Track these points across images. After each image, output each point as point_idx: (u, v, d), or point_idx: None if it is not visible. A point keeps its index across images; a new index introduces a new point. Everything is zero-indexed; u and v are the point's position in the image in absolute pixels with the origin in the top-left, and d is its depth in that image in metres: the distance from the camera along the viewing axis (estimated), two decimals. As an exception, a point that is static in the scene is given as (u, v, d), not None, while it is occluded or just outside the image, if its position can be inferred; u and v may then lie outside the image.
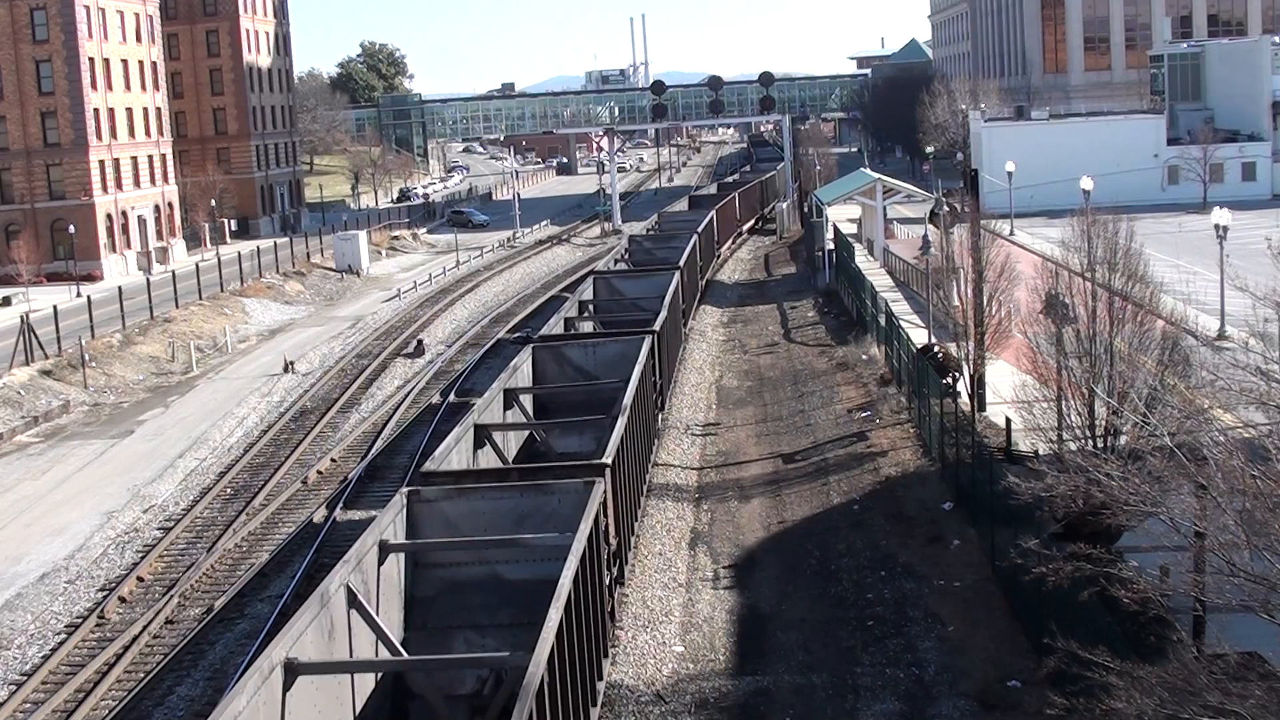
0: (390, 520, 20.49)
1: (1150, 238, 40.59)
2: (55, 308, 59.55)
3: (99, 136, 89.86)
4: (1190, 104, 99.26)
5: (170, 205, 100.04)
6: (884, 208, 71.84)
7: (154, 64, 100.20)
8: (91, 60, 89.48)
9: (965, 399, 35.44)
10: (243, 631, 28.37)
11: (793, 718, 22.14)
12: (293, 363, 57.92)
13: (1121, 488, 17.30)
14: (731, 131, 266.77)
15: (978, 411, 35.02)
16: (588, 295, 47.65)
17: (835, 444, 38.63)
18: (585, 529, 19.42)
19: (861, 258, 67.45)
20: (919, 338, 42.93)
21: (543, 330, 40.37)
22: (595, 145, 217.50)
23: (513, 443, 29.66)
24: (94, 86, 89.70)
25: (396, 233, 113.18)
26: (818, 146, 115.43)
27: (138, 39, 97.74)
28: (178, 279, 71.25)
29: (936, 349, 39.26)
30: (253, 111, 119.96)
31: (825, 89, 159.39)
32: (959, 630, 24.78)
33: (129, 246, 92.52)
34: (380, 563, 19.57)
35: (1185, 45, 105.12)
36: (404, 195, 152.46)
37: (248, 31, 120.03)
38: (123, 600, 30.80)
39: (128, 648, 27.82)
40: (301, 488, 38.67)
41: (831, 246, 69.34)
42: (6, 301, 75.25)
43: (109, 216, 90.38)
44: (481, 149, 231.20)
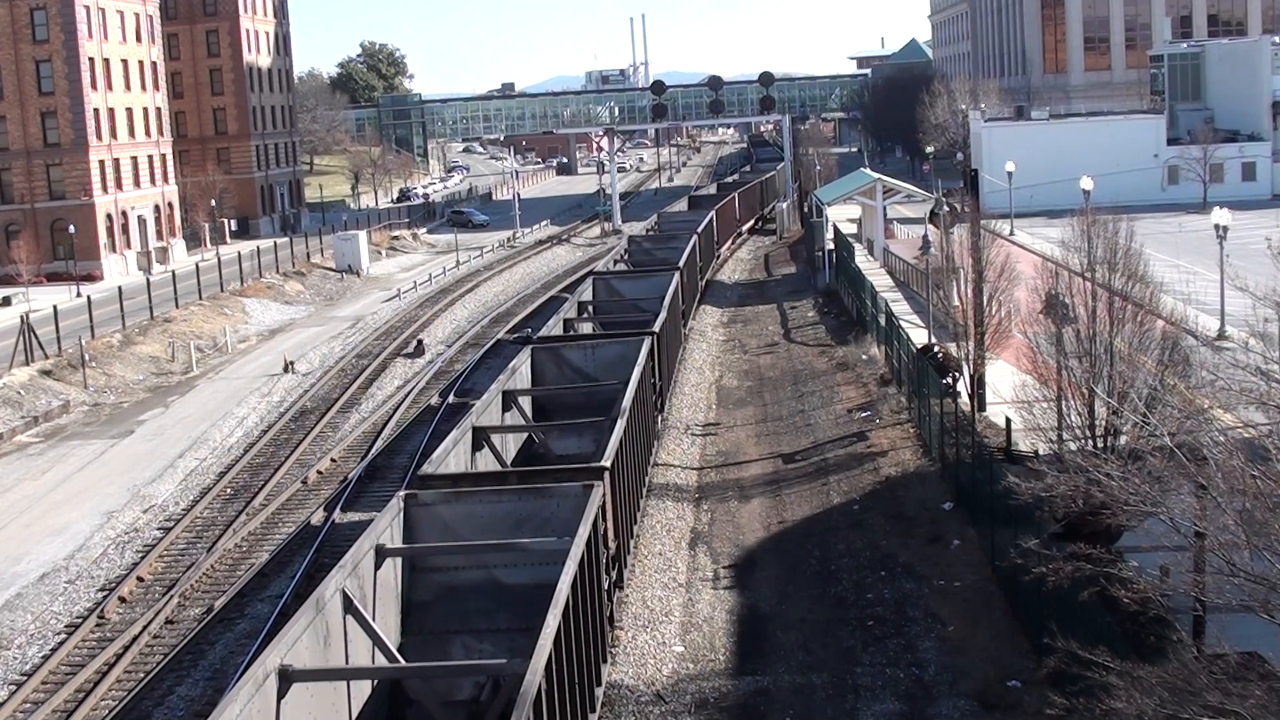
0: (387, 524, 20.29)
1: (1150, 238, 40.61)
2: (55, 308, 59.57)
3: (99, 136, 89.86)
4: (1190, 104, 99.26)
5: (170, 205, 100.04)
6: (884, 208, 71.85)
7: (154, 64, 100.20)
8: (91, 60, 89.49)
9: (965, 399, 35.44)
10: (243, 632, 28.38)
11: (793, 718, 22.15)
12: (293, 363, 57.92)
13: (1121, 488, 17.30)
14: (731, 131, 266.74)
15: (978, 411, 35.02)
16: (587, 296, 47.45)
17: (835, 444, 38.63)
18: (584, 533, 19.29)
19: (861, 258, 67.44)
20: (919, 338, 42.93)
21: (542, 331, 40.09)
22: (595, 145, 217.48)
23: (511, 445, 29.51)
24: (94, 86, 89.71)
25: (396, 233, 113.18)
26: (818, 146, 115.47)
27: (138, 39, 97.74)
28: (178, 279, 71.26)
29: (936, 349, 39.26)
30: (253, 111, 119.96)
31: (825, 89, 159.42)
32: (959, 630, 24.78)
33: (129, 246, 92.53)
34: (377, 567, 19.38)
35: (1185, 45, 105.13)
36: (404, 195, 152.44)
37: (248, 31, 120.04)
38: (123, 600, 30.80)
39: (128, 648, 27.83)
40: (301, 488, 38.68)
41: (831, 246, 69.33)
42: (6, 301, 75.25)
43: (109, 216, 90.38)
44: (481, 149, 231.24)
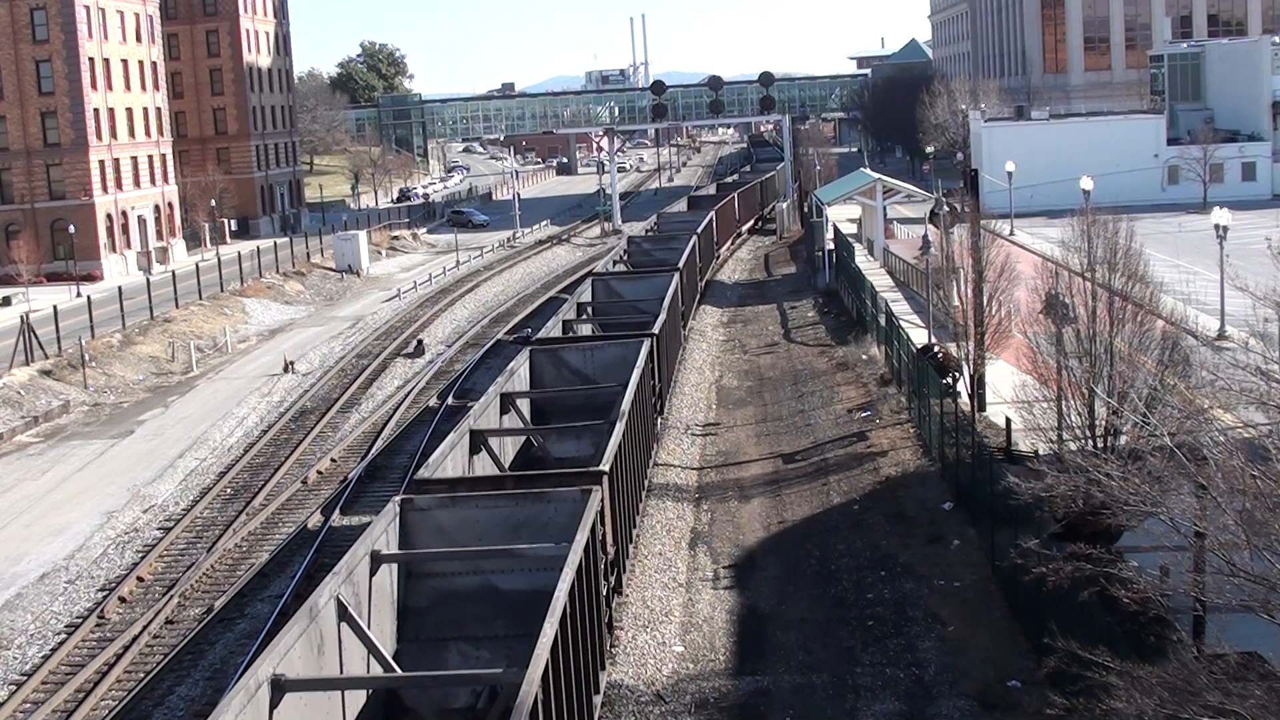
0: (383, 529, 20.02)
1: (1150, 238, 40.62)
2: (55, 308, 59.57)
3: (99, 136, 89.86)
4: (1190, 104, 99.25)
5: (170, 205, 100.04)
6: (884, 208, 71.86)
7: (154, 64, 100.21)
8: (91, 60, 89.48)
9: (965, 399, 35.44)
10: (242, 632, 28.38)
11: (793, 718, 22.15)
12: (293, 363, 57.92)
13: (1121, 488, 17.30)
14: (731, 131, 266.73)
15: (978, 411, 35.02)
16: (586, 297, 47.15)
17: (835, 444, 38.62)
18: (582, 539, 19.05)
19: (861, 258, 67.44)
20: (919, 338, 42.93)
21: (540, 333, 39.81)
22: (595, 145, 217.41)
23: (509, 448, 29.27)
24: (94, 86, 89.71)
25: (396, 233, 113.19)
26: (818, 146, 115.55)
27: (138, 39, 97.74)
28: (178, 279, 71.26)
29: (936, 349, 39.26)
30: (253, 111, 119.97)
31: (825, 89, 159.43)
32: (959, 630, 24.78)
33: (129, 246, 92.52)
34: (372, 573, 19.14)
35: (1185, 45, 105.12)
36: (404, 195, 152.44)
37: (248, 31, 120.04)
38: (123, 600, 30.80)
39: (128, 648, 27.83)
40: (301, 488, 38.67)
41: (831, 246, 69.34)
42: (6, 301, 75.25)
43: (109, 216, 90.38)
44: (481, 149, 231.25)
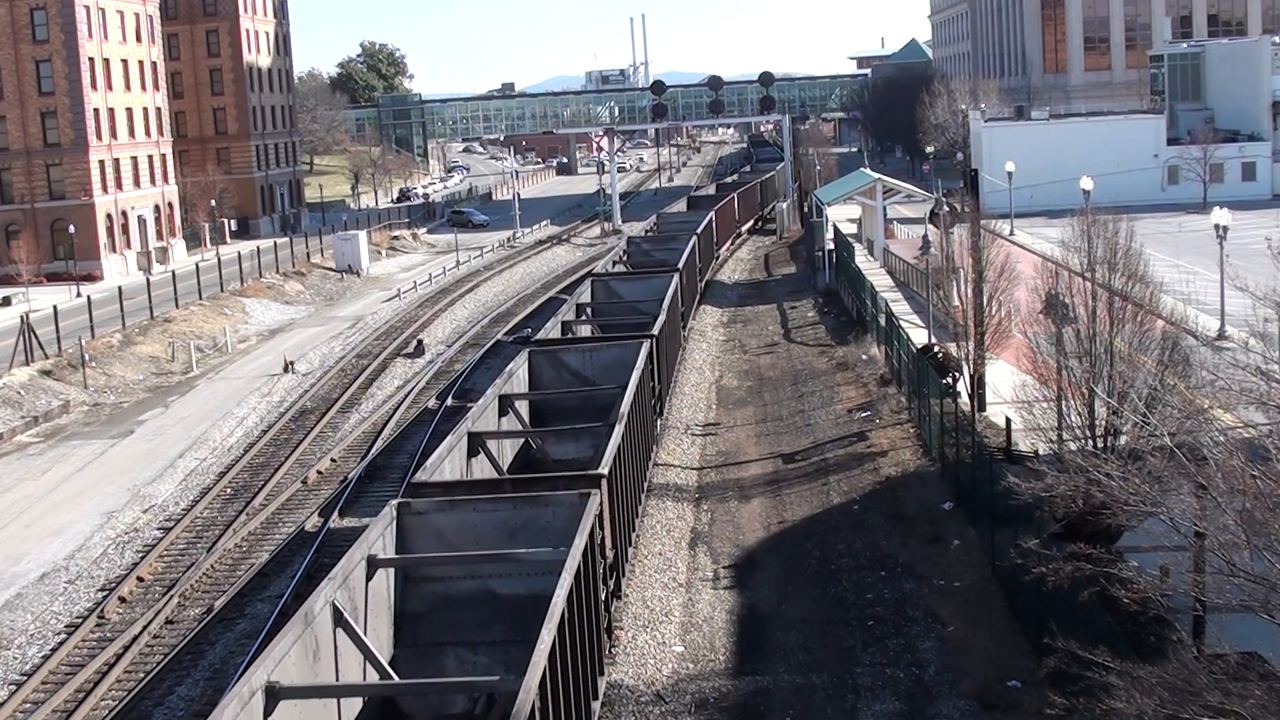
0: (379, 534, 19.82)
1: (1150, 238, 40.60)
2: (55, 308, 59.57)
3: (99, 136, 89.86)
4: (1190, 104, 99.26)
5: (170, 205, 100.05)
6: (884, 208, 71.87)
7: (154, 64, 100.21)
8: (91, 60, 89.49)
9: (965, 399, 35.44)
10: (242, 632, 28.39)
11: (793, 718, 22.14)
12: (293, 363, 57.93)
13: (1121, 488, 17.31)
14: (731, 131, 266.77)
15: (978, 411, 35.03)
16: (585, 298, 46.95)
17: (835, 444, 38.62)
18: (580, 544, 18.86)
19: (861, 258, 67.44)
20: (919, 338, 42.93)
21: (539, 334, 39.60)
22: (595, 145, 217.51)
23: (508, 450, 29.08)
24: (94, 86, 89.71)
25: (396, 233, 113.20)
26: (818, 146, 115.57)
27: (138, 39, 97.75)
28: (178, 279, 71.27)
29: (936, 349, 39.26)
30: (253, 111, 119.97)
31: (825, 89, 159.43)
32: (959, 630, 24.78)
33: (129, 246, 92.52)
34: (368, 578, 18.94)
35: (1185, 45, 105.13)
36: (404, 195, 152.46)
37: (248, 31, 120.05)
38: (123, 600, 30.81)
39: (128, 648, 27.83)
40: (301, 488, 38.68)
41: (831, 246, 69.34)
42: (6, 301, 75.25)
43: (109, 216, 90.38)
44: (481, 149, 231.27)
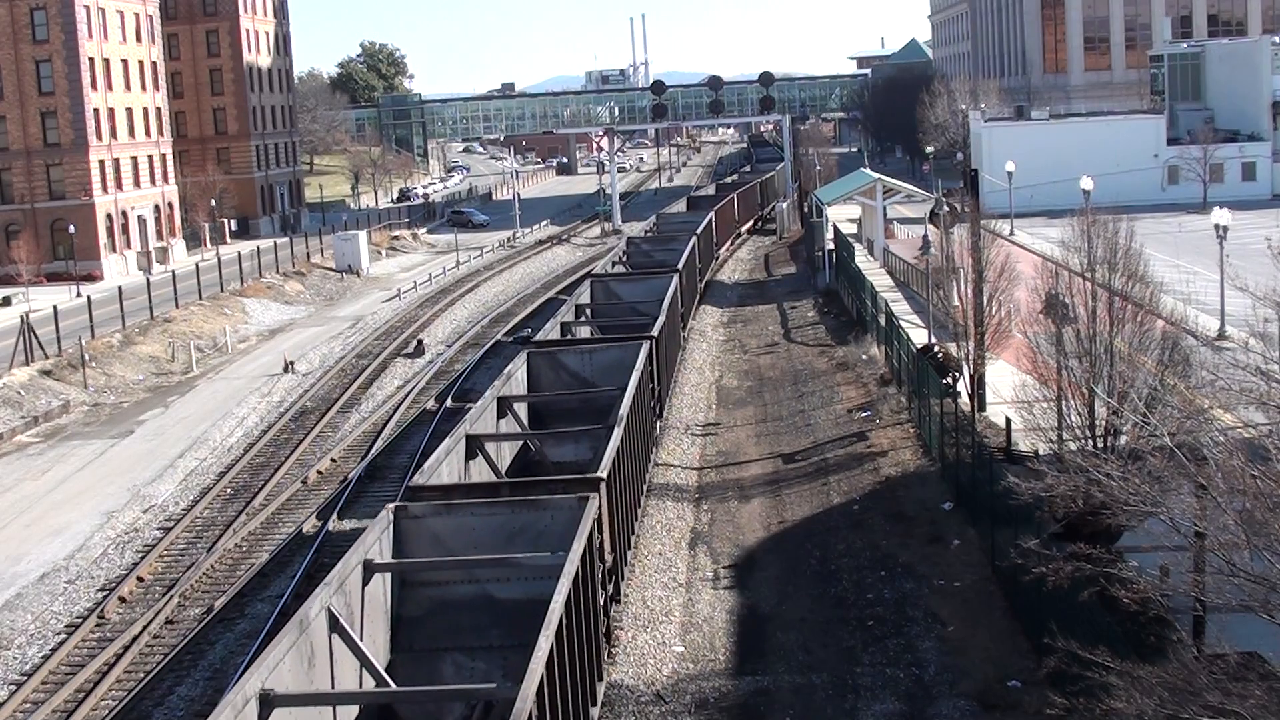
0: (376, 538, 19.64)
1: (1150, 238, 40.61)
2: (55, 308, 59.57)
3: (99, 136, 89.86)
4: (1190, 104, 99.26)
5: (170, 205, 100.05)
6: (884, 208, 71.87)
7: (154, 64, 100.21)
8: (91, 60, 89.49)
9: (965, 399, 35.43)
10: (242, 632, 28.39)
11: (793, 718, 22.14)
12: (293, 363, 57.93)
13: (1121, 488, 17.31)
14: (731, 131, 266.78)
15: (978, 411, 35.02)
16: (585, 299, 46.83)
17: (835, 444, 38.62)
18: (578, 548, 18.69)
19: (861, 258, 67.45)
20: (919, 338, 42.93)
21: (538, 335, 39.39)
22: (595, 145, 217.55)
23: (506, 453, 28.91)
24: (94, 86, 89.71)
25: (396, 233, 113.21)
26: (818, 146, 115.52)
27: (138, 39, 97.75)
28: (178, 279, 71.27)
29: (936, 349, 39.26)
30: (253, 111, 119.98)
31: (825, 89, 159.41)
32: (959, 630, 24.78)
33: (129, 246, 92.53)
34: (365, 583, 18.76)
35: (1185, 45, 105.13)
36: (404, 195, 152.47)
37: (248, 31, 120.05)
38: (123, 600, 30.81)
39: (128, 648, 27.84)
40: (301, 488, 38.68)
41: (831, 246, 69.34)
42: (6, 301, 75.25)
43: (109, 216, 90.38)
44: (481, 149, 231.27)
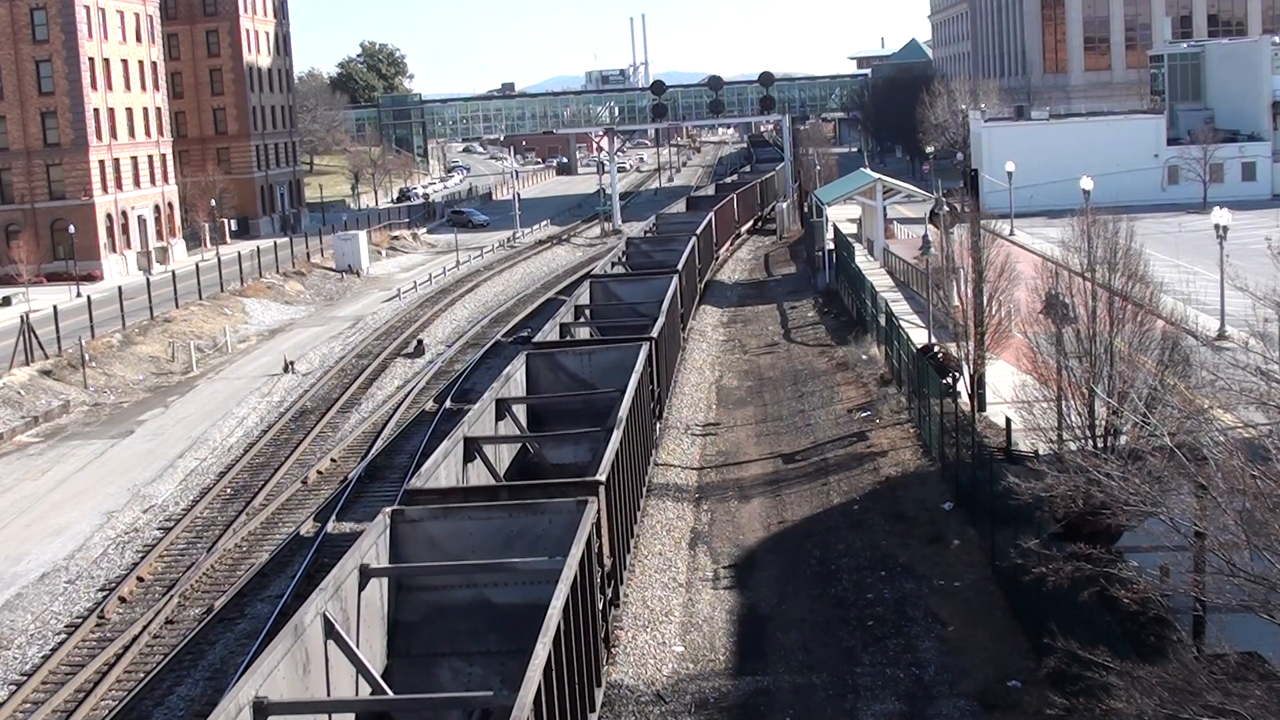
0: (372, 543, 19.46)
1: (1150, 238, 40.61)
2: (55, 308, 59.56)
3: (99, 136, 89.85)
4: (1190, 104, 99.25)
5: (170, 205, 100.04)
6: (884, 208, 71.86)
7: (154, 64, 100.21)
8: (91, 60, 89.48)
9: (965, 399, 35.43)
10: (243, 631, 28.39)
11: (793, 718, 22.14)
12: (293, 363, 57.92)
13: (1121, 488, 17.31)
14: (731, 131, 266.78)
15: (978, 411, 35.01)
16: (584, 300, 46.63)
17: (835, 444, 38.62)
18: (577, 553, 18.52)
19: (861, 258, 67.44)
20: (919, 338, 42.93)
21: (537, 336, 39.21)
22: (595, 145, 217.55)
23: (505, 455, 28.75)
24: (94, 86, 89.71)
25: (396, 233, 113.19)
26: (818, 146, 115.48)
27: (138, 39, 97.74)
28: (178, 279, 71.26)
29: (936, 349, 39.26)
30: (253, 111, 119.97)
31: (825, 89, 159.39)
32: (959, 630, 24.77)
33: (129, 246, 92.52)
34: (361, 588, 18.58)
35: (1185, 45, 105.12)
36: (404, 195, 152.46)
37: (248, 31, 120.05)
38: (123, 600, 30.81)
39: (128, 648, 27.84)
40: (301, 488, 38.68)
41: (831, 246, 69.34)
42: (6, 301, 75.24)
43: (109, 216, 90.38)
44: (481, 149, 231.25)
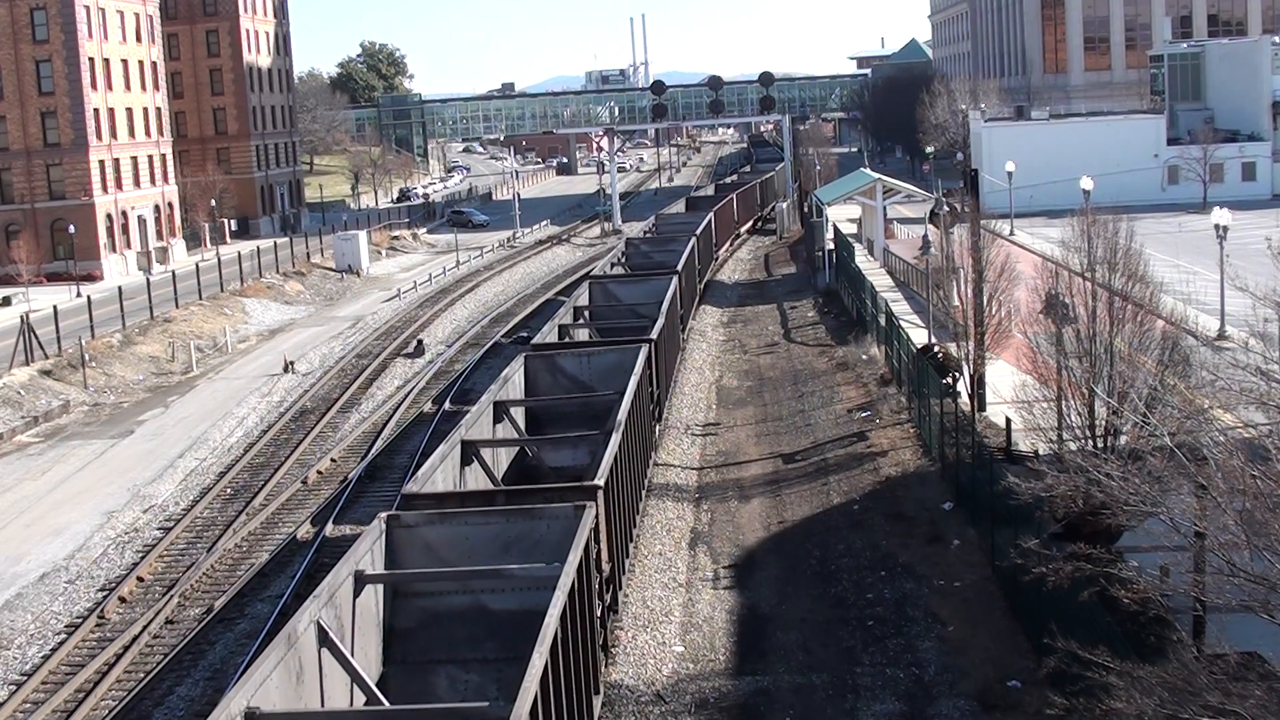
0: (367, 549, 19.27)
1: (1150, 238, 40.62)
2: (55, 308, 59.57)
3: (99, 136, 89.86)
4: (1190, 104, 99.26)
5: (170, 205, 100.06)
6: (884, 208, 71.88)
7: (154, 64, 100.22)
8: (91, 60, 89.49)
9: (965, 399, 35.44)
10: (243, 631, 28.40)
11: (793, 718, 22.14)
12: (293, 363, 57.93)
13: (1121, 488, 17.32)
14: (731, 131, 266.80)
15: (978, 411, 35.02)
16: (583, 301, 46.43)
17: (835, 444, 38.62)
18: (574, 559, 18.31)
19: (861, 258, 67.45)
20: (919, 338, 42.93)
21: (536, 338, 39.02)
22: (595, 145, 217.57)
23: (503, 459, 28.62)
24: (94, 86, 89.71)
25: (396, 233, 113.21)
26: (818, 146, 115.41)
27: (138, 39, 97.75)
28: (178, 279, 71.26)
29: (936, 349, 39.26)
30: (253, 111, 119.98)
31: (825, 89, 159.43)
32: (959, 630, 24.78)
33: (129, 246, 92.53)
34: (356, 595, 18.36)
35: (1185, 45, 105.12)
36: (404, 195, 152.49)
37: (248, 31, 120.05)
38: (123, 600, 30.81)
39: (128, 648, 27.84)
40: (301, 488, 38.68)
41: (831, 246, 69.35)
42: (6, 301, 75.25)
43: (109, 216, 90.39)
44: (481, 149, 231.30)
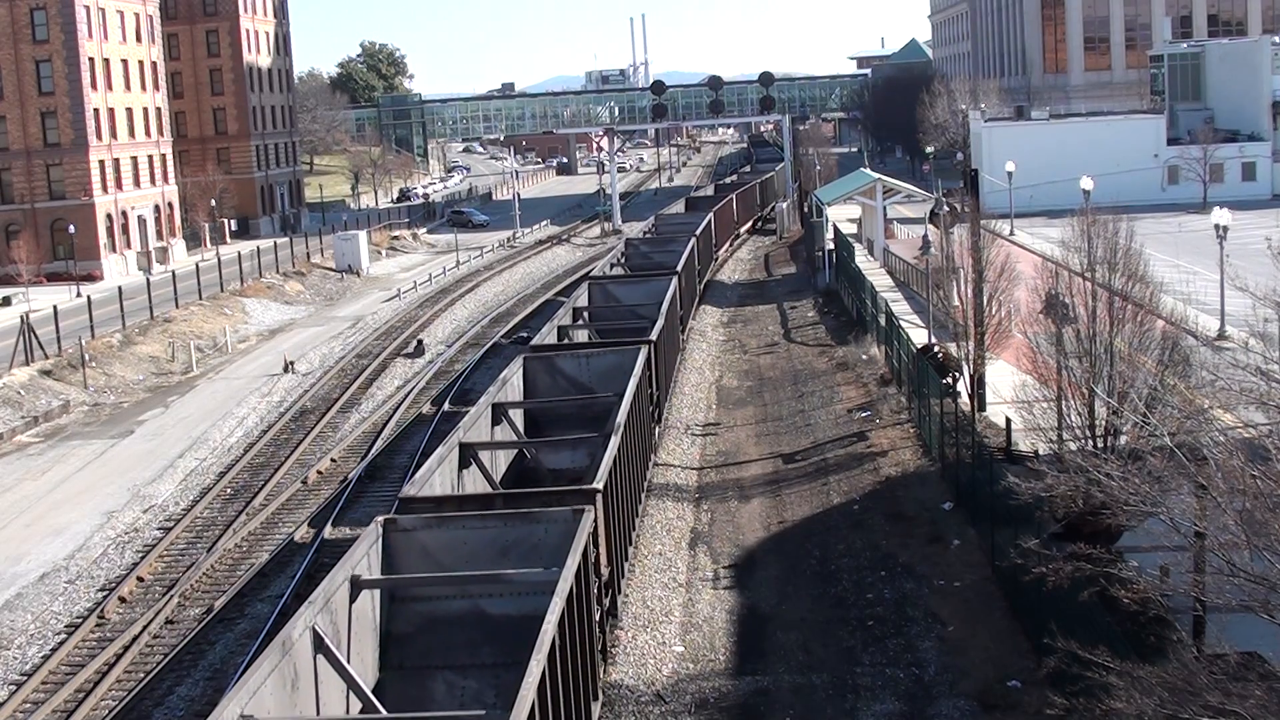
0: (364, 553, 19.10)
1: (1150, 238, 40.62)
2: (55, 308, 59.57)
3: (99, 136, 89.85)
4: (1190, 104, 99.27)
5: (170, 205, 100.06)
6: (884, 208, 71.88)
7: (154, 64, 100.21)
8: (91, 60, 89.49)
9: (965, 399, 35.44)
10: (243, 631, 28.40)
11: (793, 718, 22.15)
12: (293, 363, 57.93)
13: (1121, 488, 17.32)
14: (731, 131, 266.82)
15: (978, 411, 35.02)
16: (583, 302, 46.30)
17: (835, 444, 38.63)
18: (573, 564, 18.18)
19: (861, 258, 67.45)
20: (919, 338, 42.94)
21: (535, 339, 38.84)
22: (595, 145, 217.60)
23: (501, 461, 28.50)
24: (94, 86, 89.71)
25: (396, 233, 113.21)
26: (818, 146, 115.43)
27: (138, 39, 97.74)
28: (178, 279, 71.26)
29: (936, 349, 39.26)
30: (253, 111, 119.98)
31: (825, 89, 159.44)
32: (959, 630, 24.78)
33: (129, 246, 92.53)
34: (352, 600, 18.21)
35: (1185, 45, 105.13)
36: (404, 195, 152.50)
37: (248, 31, 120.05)
38: (123, 600, 30.81)
39: (128, 648, 27.84)
40: (301, 488, 38.68)
41: (831, 246, 69.35)
42: (6, 301, 75.25)
43: (109, 216, 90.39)
44: (481, 149, 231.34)
